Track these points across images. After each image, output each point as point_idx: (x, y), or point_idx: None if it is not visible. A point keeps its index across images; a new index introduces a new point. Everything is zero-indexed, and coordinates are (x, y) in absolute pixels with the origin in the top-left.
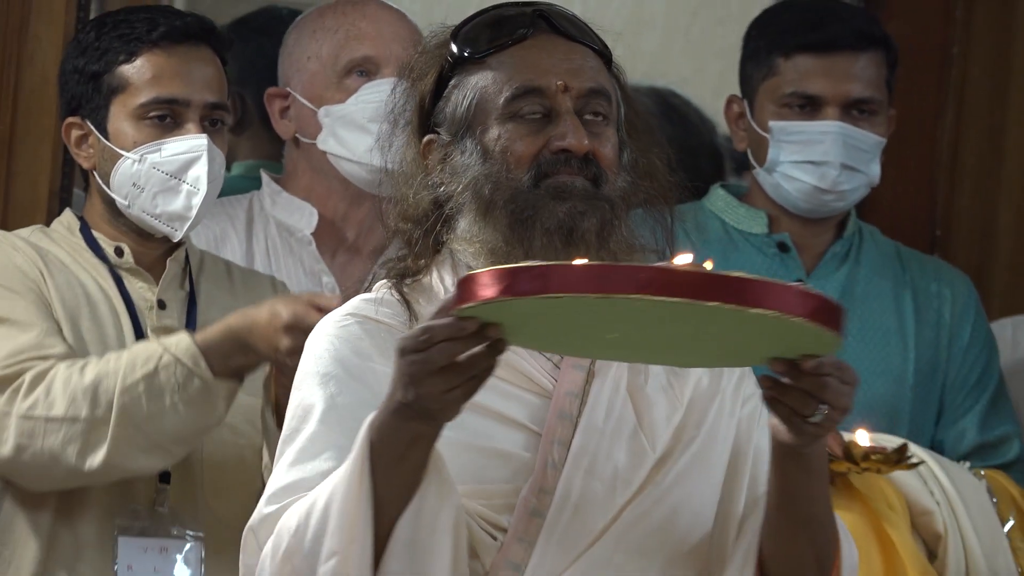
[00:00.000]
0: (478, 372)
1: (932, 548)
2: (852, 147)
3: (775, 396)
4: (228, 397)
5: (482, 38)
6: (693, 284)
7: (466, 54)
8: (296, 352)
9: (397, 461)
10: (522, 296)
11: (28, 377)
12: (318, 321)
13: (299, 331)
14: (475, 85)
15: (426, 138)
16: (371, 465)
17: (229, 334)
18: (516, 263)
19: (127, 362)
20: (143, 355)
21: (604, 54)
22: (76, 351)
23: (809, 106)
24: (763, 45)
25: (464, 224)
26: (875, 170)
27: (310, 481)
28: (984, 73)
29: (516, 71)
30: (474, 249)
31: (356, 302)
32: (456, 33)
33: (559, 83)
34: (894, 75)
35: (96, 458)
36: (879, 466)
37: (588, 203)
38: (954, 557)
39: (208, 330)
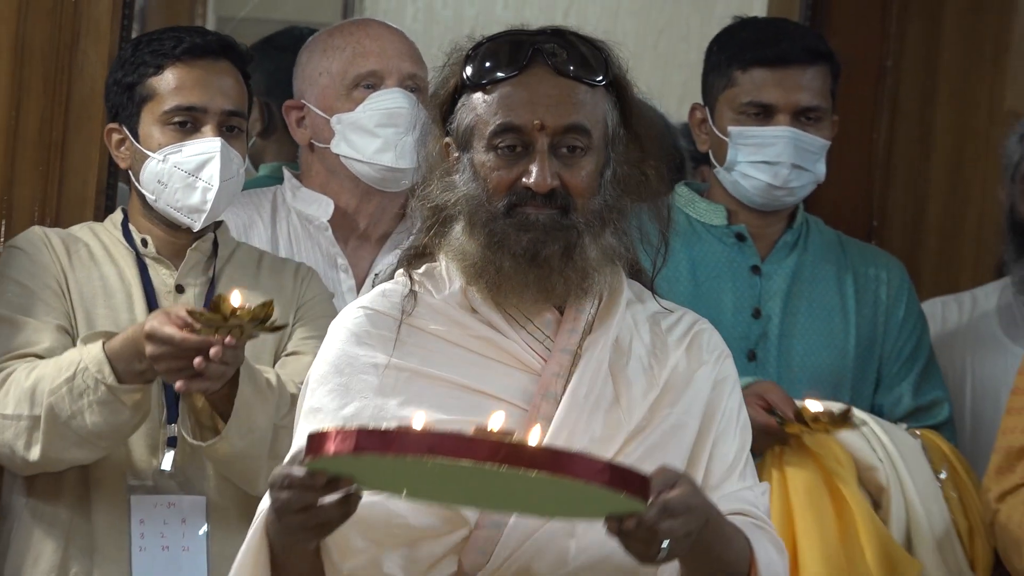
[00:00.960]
0: (332, 516)
1: (876, 499)
2: (801, 149)
3: (623, 544)
4: (136, 400)
5: (486, 67)
6: (478, 449)
7: (471, 80)
8: (157, 359)
9: (282, 549)
10: (358, 453)
11: (1, 375)
12: (171, 332)
13: (157, 340)
14: (474, 109)
15: (446, 139)
16: (268, 542)
17: (128, 342)
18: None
19: (55, 367)
20: (67, 361)
21: (598, 83)
22: (70, 343)
23: (763, 113)
24: (723, 59)
25: (457, 233)
26: (821, 169)
27: None
28: (914, 84)
29: (502, 107)
30: (457, 261)
31: (372, 295)
32: (470, 54)
33: (536, 122)
34: (837, 85)
35: (35, 451)
36: (827, 427)
37: (549, 233)
38: (896, 506)
39: (115, 338)
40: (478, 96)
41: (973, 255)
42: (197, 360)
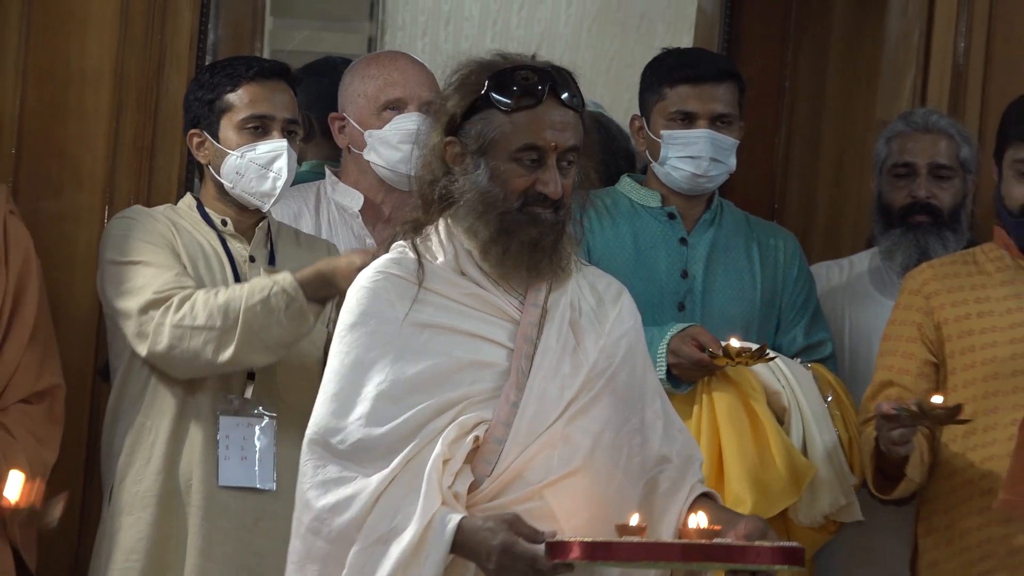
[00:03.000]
0: None
1: (780, 417)
2: (717, 147)
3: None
4: (316, 315)
5: (510, 96)
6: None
7: (497, 103)
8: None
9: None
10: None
11: (176, 299)
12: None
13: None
14: (498, 126)
15: (449, 139)
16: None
17: (318, 274)
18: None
19: (249, 290)
20: (260, 286)
21: (582, 108)
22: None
23: (687, 120)
24: (655, 79)
25: (464, 214)
26: (732, 162)
27: (348, 433)
28: (806, 99)
29: (526, 130)
30: (471, 237)
31: (382, 261)
32: (493, 80)
33: (552, 144)
34: (743, 98)
35: (226, 355)
36: (747, 360)
37: (550, 228)
38: (795, 422)
39: (304, 271)
40: (502, 117)
41: (851, 230)
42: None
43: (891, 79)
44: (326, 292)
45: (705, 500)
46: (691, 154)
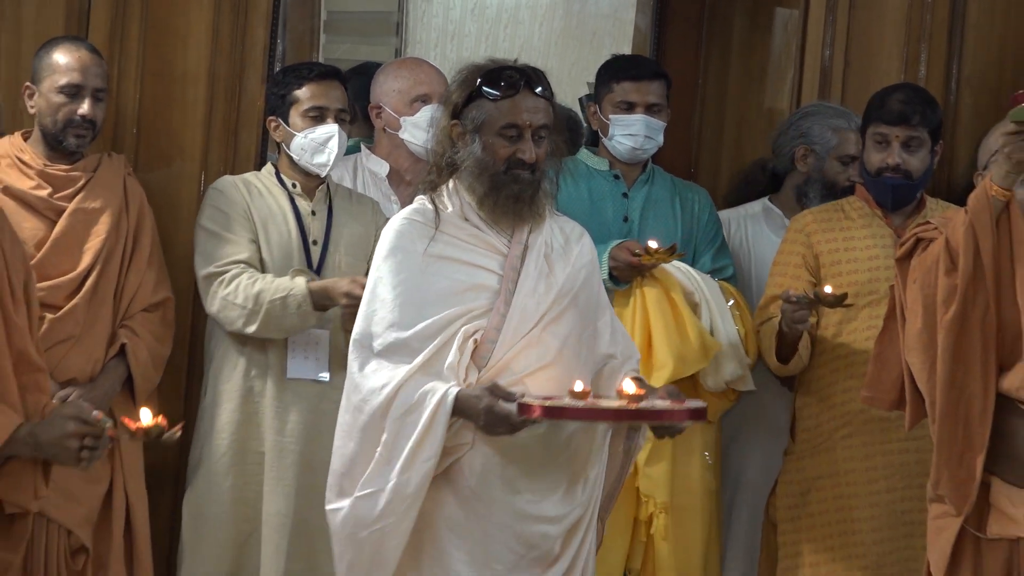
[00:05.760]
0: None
1: (693, 311)
2: (650, 128)
3: (657, 432)
4: (317, 319)
5: (497, 88)
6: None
7: (487, 94)
8: (349, 307)
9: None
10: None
11: (228, 276)
12: (358, 299)
13: (352, 297)
14: (487, 111)
15: (453, 121)
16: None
17: (322, 289)
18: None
19: (275, 287)
20: (283, 287)
21: (550, 99)
22: (257, 252)
23: (628, 107)
24: (606, 77)
25: (465, 176)
26: (661, 139)
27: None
28: (714, 92)
29: (508, 113)
30: (470, 193)
31: (408, 210)
32: (484, 77)
33: (527, 123)
34: (670, 92)
35: (251, 328)
36: (665, 257)
37: (528, 185)
38: (704, 313)
39: (314, 283)
40: (490, 104)
41: (749, 188)
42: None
43: (776, 78)
44: (326, 303)
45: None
46: (631, 132)
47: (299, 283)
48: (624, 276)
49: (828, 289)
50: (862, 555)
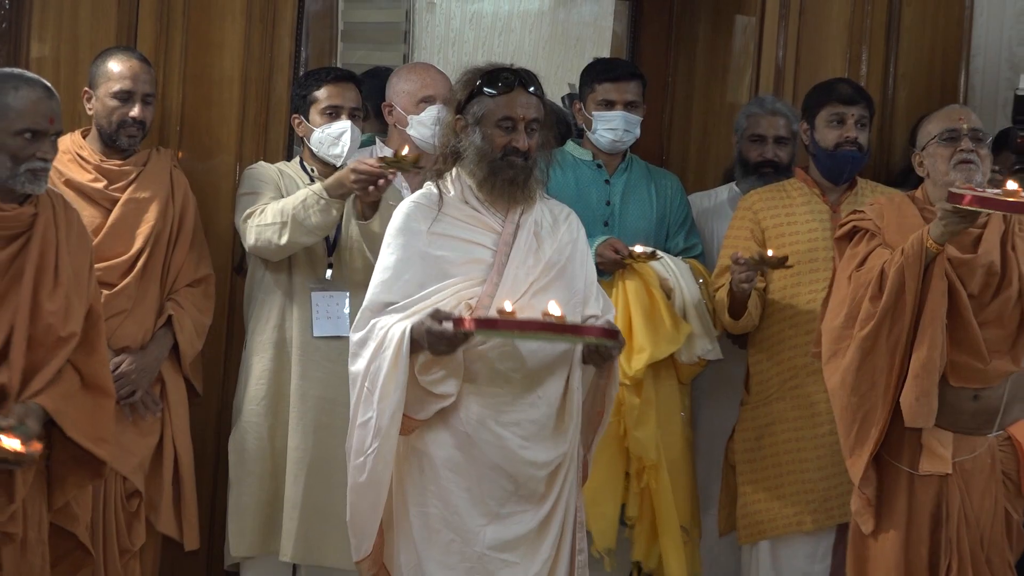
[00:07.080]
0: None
1: (668, 295)
2: (628, 122)
3: (591, 359)
4: (338, 209)
5: (494, 87)
6: (546, 328)
7: (486, 92)
8: (356, 180)
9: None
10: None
11: (258, 210)
12: (368, 167)
13: (359, 170)
14: (486, 106)
15: (457, 116)
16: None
17: (336, 180)
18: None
19: (295, 197)
20: (301, 194)
21: (540, 96)
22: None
23: (609, 105)
24: (589, 78)
25: (467, 163)
26: (638, 132)
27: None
28: (682, 88)
29: (504, 107)
30: (471, 177)
31: (416, 194)
32: (484, 78)
33: (520, 116)
34: (645, 90)
35: (284, 239)
36: (646, 260)
37: (521, 170)
38: (678, 297)
39: (327, 179)
40: (488, 100)
41: (713, 173)
42: (381, 181)
43: (736, 75)
44: (342, 191)
45: None
46: (612, 127)
47: (316, 184)
48: (608, 269)
49: (770, 252)
50: (809, 490)
